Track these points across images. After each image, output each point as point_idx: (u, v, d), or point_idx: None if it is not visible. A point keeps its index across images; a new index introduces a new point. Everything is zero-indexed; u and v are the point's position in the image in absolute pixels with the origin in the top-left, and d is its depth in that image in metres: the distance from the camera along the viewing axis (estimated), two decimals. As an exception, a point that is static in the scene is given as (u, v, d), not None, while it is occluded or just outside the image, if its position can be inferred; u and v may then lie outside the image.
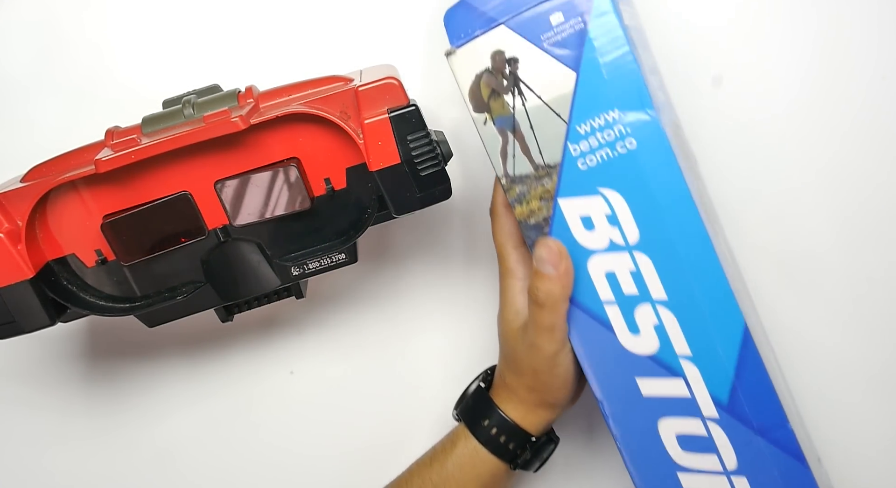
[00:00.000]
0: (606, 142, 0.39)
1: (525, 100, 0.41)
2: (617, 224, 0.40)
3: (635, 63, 0.38)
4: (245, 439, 0.60)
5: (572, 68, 0.39)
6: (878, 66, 0.54)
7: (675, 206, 0.39)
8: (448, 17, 0.42)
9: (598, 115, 0.39)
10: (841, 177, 0.55)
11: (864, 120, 0.55)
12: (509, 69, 0.41)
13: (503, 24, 0.40)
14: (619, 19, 0.38)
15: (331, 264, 0.48)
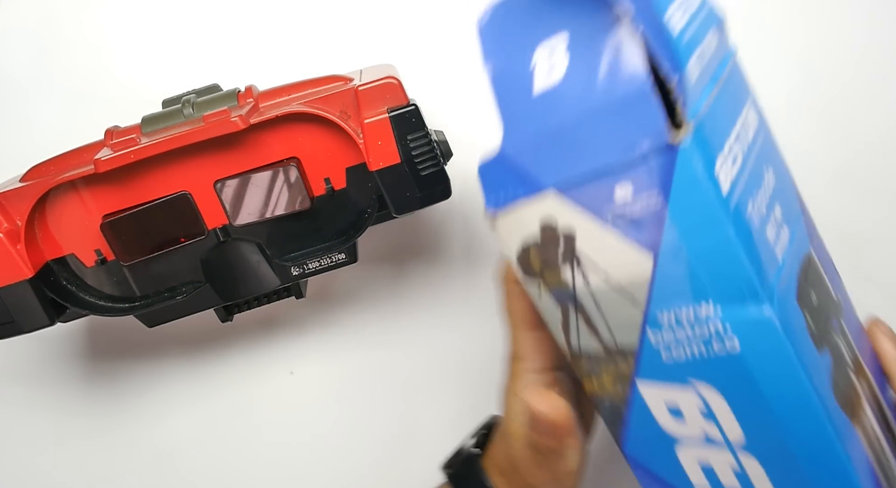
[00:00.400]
0: (699, 339, 0.29)
1: (588, 281, 0.32)
2: (714, 420, 0.31)
3: (741, 245, 0.27)
4: (245, 439, 0.60)
5: (648, 249, 0.29)
6: (878, 66, 0.54)
7: (796, 415, 0.29)
8: (483, 173, 0.33)
9: (686, 306, 0.29)
10: (841, 176, 0.55)
11: (864, 120, 0.55)
12: (564, 245, 0.32)
13: (553, 189, 0.31)
14: (716, 184, 0.27)
15: (331, 264, 0.48)
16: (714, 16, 0.33)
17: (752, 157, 0.30)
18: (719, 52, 0.31)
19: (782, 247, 0.29)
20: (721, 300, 0.28)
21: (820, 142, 0.55)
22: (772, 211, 0.30)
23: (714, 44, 0.31)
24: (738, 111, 0.31)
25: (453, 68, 0.56)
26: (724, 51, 0.32)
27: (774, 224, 0.30)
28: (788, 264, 0.29)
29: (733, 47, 0.34)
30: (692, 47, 0.28)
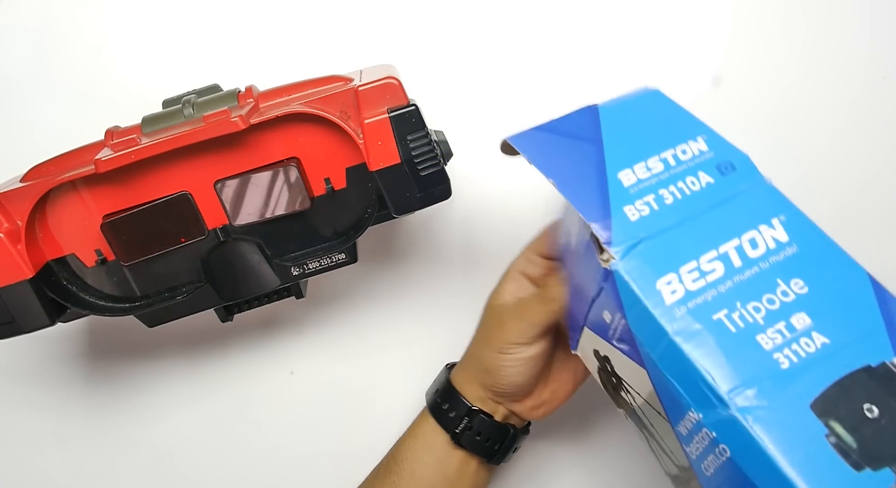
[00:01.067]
0: (707, 447, 0.30)
1: (633, 397, 0.36)
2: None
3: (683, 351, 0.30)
4: (245, 439, 0.60)
5: (640, 364, 0.33)
6: (877, 66, 0.54)
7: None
8: (567, 322, 0.40)
9: (684, 415, 0.31)
10: (841, 176, 0.55)
11: (864, 120, 0.55)
12: (609, 367, 0.37)
13: (585, 325, 0.38)
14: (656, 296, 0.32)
15: (331, 264, 0.48)
16: (721, 158, 0.37)
17: (748, 272, 0.33)
18: (713, 190, 0.36)
19: (796, 356, 0.30)
20: (699, 406, 0.30)
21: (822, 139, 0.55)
22: (779, 320, 0.31)
23: (701, 184, 0.36)
24: (722, 235, 0.34)
25: (453, 68, 0.56)
26: (725, 188, 0.36)
27: (780, 334, 0.30)
28: (809, 372, 0.29)
29: (755, 181, 0.37)
30: (639, 196, 0.35)
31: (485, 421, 0.47)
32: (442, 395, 0.49)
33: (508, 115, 0.56)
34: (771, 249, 0.34)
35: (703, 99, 0.55)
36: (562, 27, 0.56)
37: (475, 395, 0.47)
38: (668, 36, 0.55)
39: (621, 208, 0.35)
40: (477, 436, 0.47)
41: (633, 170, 0.36)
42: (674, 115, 0.39)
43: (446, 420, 0.48)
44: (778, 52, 0.55)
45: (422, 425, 0.50)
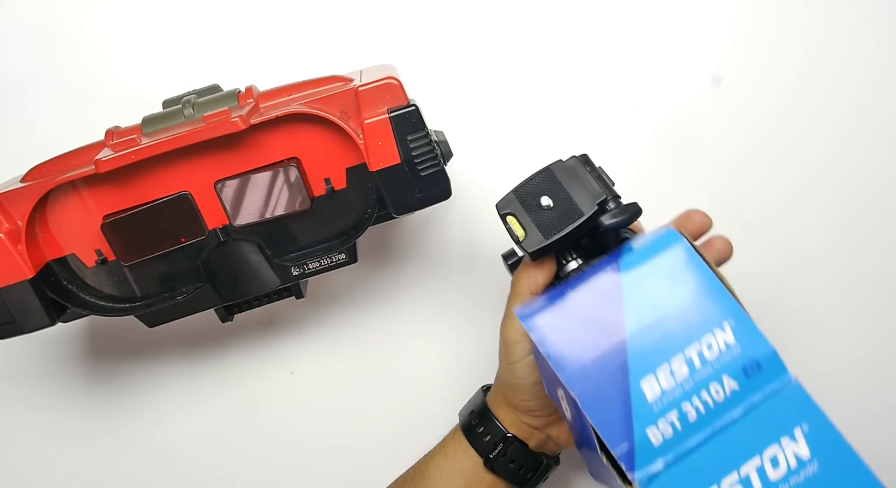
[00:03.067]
0: None
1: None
2: None
3: None
4: (245, 439, 0.60)
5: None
6: (877, 66, 0.54)
7: None
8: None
9: None
10: (841, 176, 0.55)
11: (864, 119, 0.55)
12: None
13: None
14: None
15: (331, 264, 0.48)
16: (747, 356, 0.36)
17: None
18: (737, 398, 0.35)
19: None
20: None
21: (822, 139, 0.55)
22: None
23: (725, 392, 0.36)
24: (744, 453, 0.35)
25: (453, 68, 0.56)
26: (749, 394, 0.36)
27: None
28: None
29: (780, 381, 0.36)
30: (662, 413, 0.35)
31: (520, 450, 0.47)
32: (477, 417, 0.48)
33: (508, 115, 0.57)
34: (792, 469, 0.34)
35: (703, 99, 0.55)
36: (562, 27, 0.56)
37: (510, 420, 0.47)
38: (668, 36, 0.55)
39: (644, 430, 0.35)
40: (511, 463, 0.47)
41: (656, 378, 0.36)
42: (700, 283, 0.37)
43: (480, 443, 0.47)
44: (778, 52, 0.55)
45: (453, 444, 0.49)
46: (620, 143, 0.56)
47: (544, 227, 0.42)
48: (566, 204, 0.42)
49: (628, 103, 0.56)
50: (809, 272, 0.56)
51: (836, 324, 0.56)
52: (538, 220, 0.42)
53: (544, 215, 0.42)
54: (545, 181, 0.43)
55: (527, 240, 0.42)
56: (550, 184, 0.43)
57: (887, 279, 0.56)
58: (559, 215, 0.42)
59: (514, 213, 0.43)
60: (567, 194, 0.43)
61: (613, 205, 0.42)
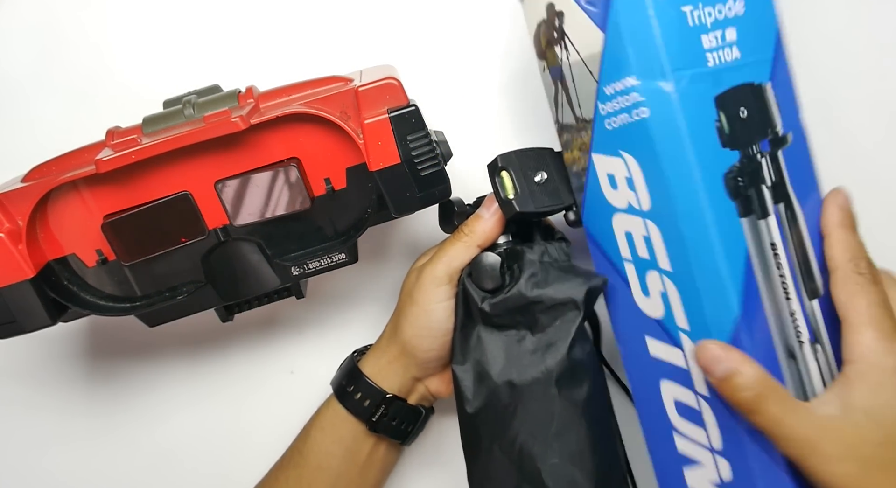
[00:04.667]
0: (625, 107, 0.39)
1: (569, 54, 0.42)
2: (633, 189, 0.40)
3: (651, 27, 0.36)
4: (245, 439, 0.60)
5: (600, 28, 0.38)
6: (877, 66, 0.55)
7: (680, 183, 0.38)
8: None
9: (620, 78, 0.38)
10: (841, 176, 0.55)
11: (864, 119, 0.55)
12: (558, 22, 0.42)
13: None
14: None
15: (331, 264, 0.48)
16: None
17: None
18: None
19: (719, 60, 0.37)
20: (641, 74, 0.37)
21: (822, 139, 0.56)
22: (719, 29, 0.38)
23: None
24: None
25: (453, 68, 0.56)
26: None
27: (717, 39, 0.38)
28: (722, 74, 0.37)
29: None
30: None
31: (401, 407, 0.49)
32: (352, 382, 0.49)
33: (508, 116, 0.57)
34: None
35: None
36: (561, 28, 0.56)
37: (389, 379, 0.48)
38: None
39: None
40: (392, 421, 0.49)
41: None
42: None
43: (359, 408, 0.49)
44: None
45: (328, 415, 0.50)
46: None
47: (535, 196, 0.45)
48: (554, 186, 0.46)
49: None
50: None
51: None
52: (531, 188, 0.45)
53: (535, 186, 0.46)
54: (541, 159, 0.46)
55: (518, 199, 0.45)
56: (545, 163, 0.46)
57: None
58: (547, 192, 0.46)
59: (510, 171, 0.45)
60: (557, 179, 0.46)
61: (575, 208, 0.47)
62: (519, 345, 0.45)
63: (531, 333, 0.45)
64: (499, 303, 0.44)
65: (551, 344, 0.44)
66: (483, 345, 0.45)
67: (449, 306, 0.46)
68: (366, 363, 0.50)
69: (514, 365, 0.44)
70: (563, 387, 0.44)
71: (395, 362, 0.48)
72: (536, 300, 0.44)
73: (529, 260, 0.45)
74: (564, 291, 0.44)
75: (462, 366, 0.46)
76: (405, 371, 0.48)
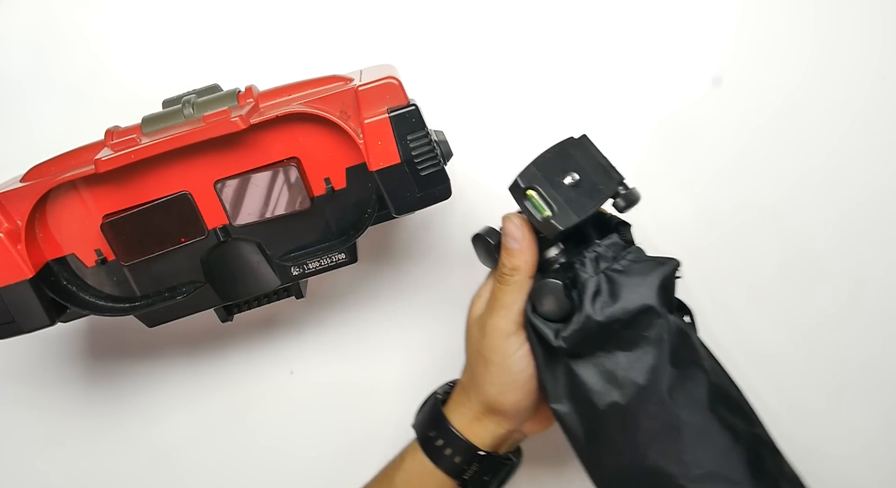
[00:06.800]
0: None
1: None
2: None
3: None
4: (244, 439, 0.60)
5: None
6: (878, 66, 0.54)
7: None
8: None
9: None
10: (841, 176, 0.55)
11: (864, 119, 0.55)
12: None
13: None
14: None
15: (331, 264, 0.48)
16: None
17: None
18: None
19: None
20: None
21: (822, 139, 0.55)
22: None
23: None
24: None
25: (453, 68, 0.56)
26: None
27: None
28: None
29: None
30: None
31: (494, 462, 0.46)
32: (440, 435, 0.46)
33: (508, 116, 0.56)
34: None
35: (703, 99, 0.55)
36: (562, 27, 0.56)
37: (483, 436, 0.45)
38: (668, 36, 0.55)
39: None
40: (484, 476, 0.46)
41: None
42: None
43: (450, 465, 0.46)
44: (778, 52, 0.55)
45: (415, 467, 0.47)
46: (620, 144, 0.56)
47: (573, 204, 0.40)
48: (589, 181, 0.41)
49: (629, 103, 0.56)
50: (810, 274, 0.56)
51: (837, 326, 0.56)
52: (565, 197, 0.40)
53: (569, 192, 0.40)
54: (563, 156, 0.42)
55: (558, 218, 0.39)
56: (569, 160, 0.42)
57: (889, 281, 0.56)
58: (584, 193, 0.40)
59: (537, 188, 0.40)
60: (588, 172, 0.41)
61: (623, 189, 0.41)
62: (613, 366, 0.40)
63: (622, 351, 0.40)
64: (572, 336, 0.40)
65: (647, 356, 0.39)
66: (574, 376, 0.41)
67: (525, 353, 0.43)
68: (453, 413, 0.46)
69: (614, 386, 0.40)
70: (679, 394, 0.39)
71: (485, 418, 0.45)
72: (610, 321, 0.39)
73: (585, 277, 0.40)
74: (636, 300, 0.39)
75: (561, 403, 0.42)
76: (497, 426, 0.45)
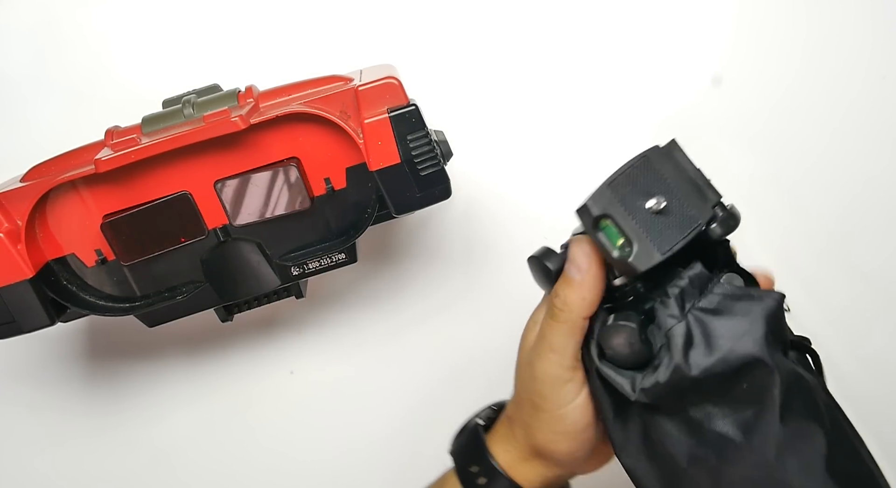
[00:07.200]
0: None
1: None
2: None
3: None
4: (244, 439, 0.60)
5: None
6: (878, 66, 0.54)
7: None
8: None
9: None
10: (842, 176, 0.55)
11: (864, 119, 0.55)
12: None
13: None
14: None
15: (331, 264, 0.48)
16: None
17: None
18: None
19: None
20: None
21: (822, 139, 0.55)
22: None
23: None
24: None
25: (453, 68, 0.56)
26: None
27: None
28: None
29: None
30: None
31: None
32: (483, 472, 0.41)
33: (508, 116, 0.56)
34: None
35: (704, 99, 0.55)
36: (562, 26, 0.56)
37: (531, 478, 0.40)
38: (668, 36, 0.55)
39: None
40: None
41: None
42: None
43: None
44: (778, 52, 0.55)
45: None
46: (621, 143, 0.56)
47: (658, 237, 0.32)
48: (678, 205, 0.33)
49: (629, 103, 0.56)
50: (810, 272, 0.56)
51: (838, 325, 0.56)
52: (647, 227, 0.32)
53: (652, 220, 0.33)
54: (646, 173, 0.34)
55: (637, 256, 0.32)
56: (653, 177, 0.34)
57: (889, 280, 0.56)
58: (671, 221, 0.33)
59: (613, 216, 0.33)
60: (676, 193, 0.33)
61: (721, 211, 0.34)
62: (703, 418, 0.33)
63: (714, 404, 0.33)
64: (655, 390, 0.33)
65: (747, 412, 0.32)
66: (652, 430, 0.34)
67: (583, 403, 0.37)
68: (497, 447, 0.41)
69: (702, 444, 0.33)
70: (789, 457, 0.32)
71: (533, 460, 0.40)
72: (706, 376, 0.32)
73: (671, 323, 0.33)
74: (738, 350, 0.32)
75: (634, 459, 0.35)
76: (546, 470, 0.40)
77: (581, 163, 0.56)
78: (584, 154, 0.56)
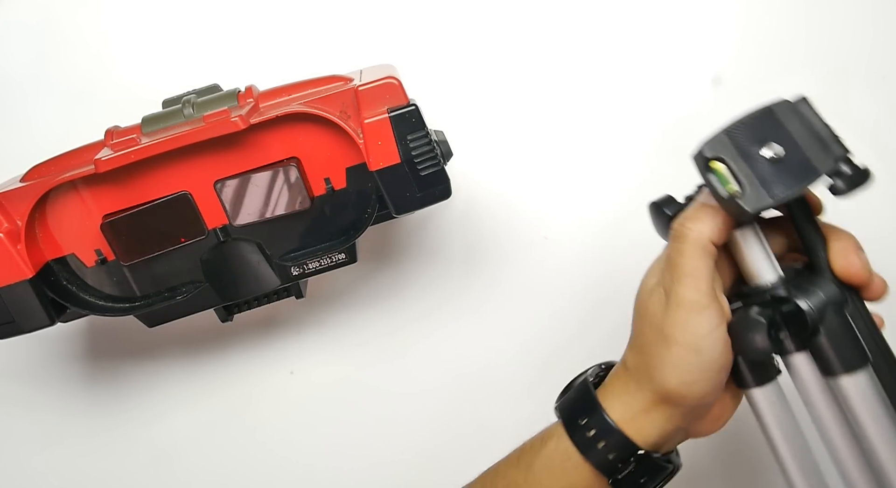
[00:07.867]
0: None
1: None
2: None
3: None
4: (244, 439, 0.60)
5: None
6: (878, 66, 0.54)
7: None
8: None
9: None
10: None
11: (864, 119, 0.55)
12: None
13: None
14: None
15: (331, 264, 0.48)
16: None
17: None
18: None
19: None
20: None
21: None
22: None
23: None
24: None
25: (453, 68, 0.56)
26: None
27: None
28: None
29: None
30: None
31: (652, 463, 0.39)
32: (593, 424, 0.39)
33: (509, 116, 0.56)
34: None
35: (703, 99, 0.55)
36: (562, 26, 0.56)
37: (647, 432, 0.38)
38: (668, 36, 0.55)
39: None
40: (640, 479, 0.39)
41: None
42: None
43: (602, 460, 0.39)
44: (778, 52, 0.55)
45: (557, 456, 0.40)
46: (621, 144, 0.56)
47: (769, 183, 0.33)
48: (798, 155, 0.34)
49: (629, 103, 0.56)
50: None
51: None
52: (760, 173, 0.34)
53: (767, 167, 0.34)
54: (768, 123, 0.35)
55: (747, 198, 0.33)
56: (775, 127, 0.35)
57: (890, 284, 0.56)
58: (787, 169, 0.34)
59: (726, 160, 0.34)
60: (797, 144, 0.34)
61: (846, 166, 0.34)
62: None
63: None
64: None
65: None
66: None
67: (722, 336, 0.36)
68: (611, 401, 0.39)
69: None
70: None
71: (654, 411, 0.38)
72: None
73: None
74: None
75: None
76: (667, 421, 0.38)
77: (581, 164, 0.56)
78: (584, 154, 0.56)
